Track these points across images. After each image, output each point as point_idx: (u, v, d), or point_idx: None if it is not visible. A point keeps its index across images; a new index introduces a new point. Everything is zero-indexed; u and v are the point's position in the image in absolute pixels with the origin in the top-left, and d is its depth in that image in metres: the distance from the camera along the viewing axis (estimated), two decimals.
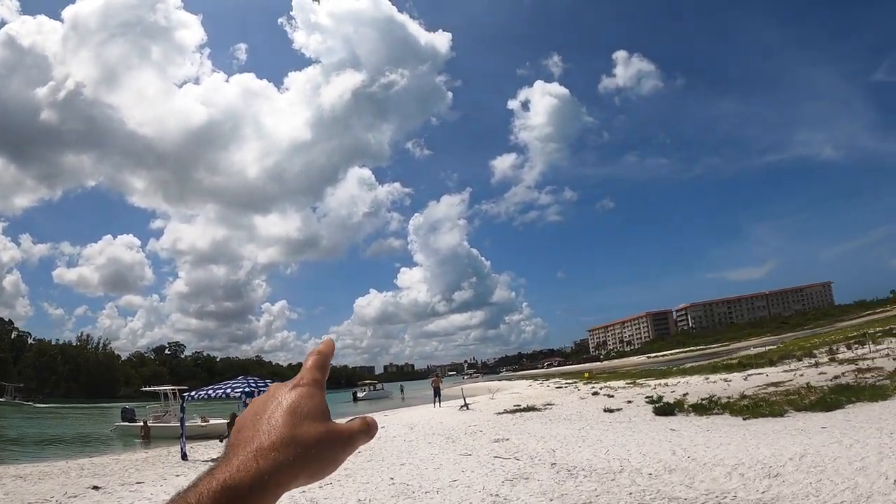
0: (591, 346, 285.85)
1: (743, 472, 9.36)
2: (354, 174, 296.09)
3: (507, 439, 16.51)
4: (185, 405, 20.76)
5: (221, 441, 20.05)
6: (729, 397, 21.17)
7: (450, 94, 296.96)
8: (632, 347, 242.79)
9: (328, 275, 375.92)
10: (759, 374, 29.44)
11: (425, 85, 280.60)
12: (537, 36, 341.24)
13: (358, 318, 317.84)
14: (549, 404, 28.02)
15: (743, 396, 21.05)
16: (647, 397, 26.02)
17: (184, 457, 18.79)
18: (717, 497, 8.13)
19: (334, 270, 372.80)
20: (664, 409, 19.71)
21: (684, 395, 25.01)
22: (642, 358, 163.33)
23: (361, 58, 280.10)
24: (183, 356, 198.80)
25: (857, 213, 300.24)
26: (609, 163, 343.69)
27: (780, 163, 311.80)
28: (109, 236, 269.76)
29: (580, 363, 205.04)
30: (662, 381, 35.18)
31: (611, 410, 21.98)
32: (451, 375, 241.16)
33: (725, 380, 29.32)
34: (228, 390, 19.23)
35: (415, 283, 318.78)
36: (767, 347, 68.01)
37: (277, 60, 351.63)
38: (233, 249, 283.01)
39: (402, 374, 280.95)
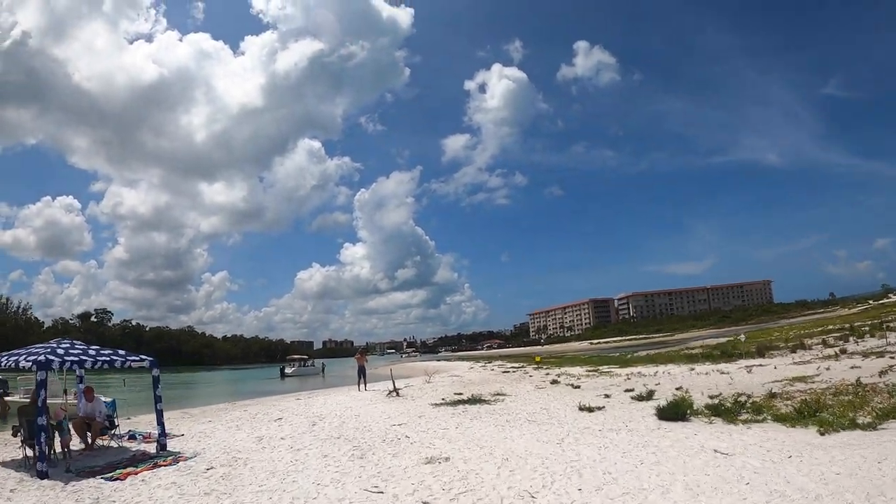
0: (531, 329, 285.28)
1: None
2: (304, 146, 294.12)
3: (448, 459, 10.33)
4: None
5: (15, 435, 12.93)
6: (748, 396, 15.46)
7: (407, 70, 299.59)
8: (572, 333, 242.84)
9: (271, 247, 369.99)
10: (760, 365, 24.02)
11: (383, 59, 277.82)
12: (500, 19, 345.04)
13: (299, 292, 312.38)
14: (499, 395, 22.15)
15: (773, 395, 15.24)
16: (627, 390, 20.39)
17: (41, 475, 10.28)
18: None
19: (277, 243, 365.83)
20: (671, 411, 13.74)
21: (677, 389, 19.31)
22: (585, 344, 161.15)
23: (321, 27, 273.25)
24: (110, 324, 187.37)
25: (797, 219, 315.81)
26: (559, 150, 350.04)
27: (725, 164, 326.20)
28: (48, 198, 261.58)
29: (521, 346, 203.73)
30: (633, 370, 29.59)
31: (589, 409, 15.99)
32: (389, 353, 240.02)
33: (721, 372, 23.72)
34: (21, 360, 11.85)
35: (358, 260, 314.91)
36: (725, 338, 64.09)
37: (235, 23, 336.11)
38: (175, 217, 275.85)
39: (342, 350, 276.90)
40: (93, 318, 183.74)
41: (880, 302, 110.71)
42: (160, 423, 13.23)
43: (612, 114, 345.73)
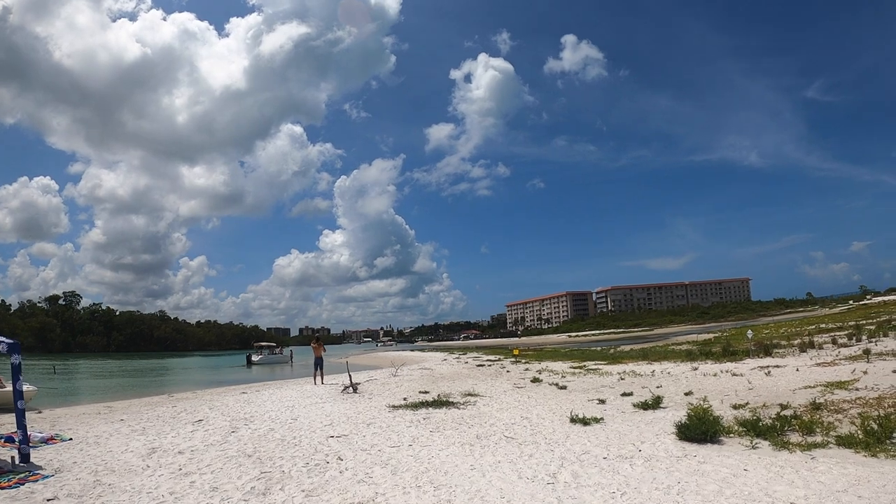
0: (508, 321, 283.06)
1: None
2: (287, 131, 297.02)
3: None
4: None
5: None
6: (785, 406, 12.13)
7: (393, 57, 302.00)
8: (550, 325, 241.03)
9: (250, 232, 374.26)
10: (777, 367, 20.82)
11: (370, 45, 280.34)
12: (489, 10, 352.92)
13: (277, 279, 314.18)
14: (471, 395, 18.83)
15: (817, 406, 11.94)
16: (624, 394, 17.24)
17: None
18: None
19: (257, 228, 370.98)
20: (696, 429, 10.34)
21: (687, 394, 16.06)
22: (563, 336, 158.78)
23: (309, 10, 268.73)
24: (79, 308, 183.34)
25: (776, 219, 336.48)
26: (543, 143, 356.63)
27: (706, 163, 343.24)
28: (25, 178, 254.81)
29: (498, 337, 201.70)
30: (624, 368, 26.37)
31: (584, 422, 12.51)
32: (366, 342, 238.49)
33: (732, 373, 20.45)
34: None
35: (337, 247, 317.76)
36: (711, 335, 61.56)
37: (220, 3, 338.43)
38: (154, 200, 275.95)
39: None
40: (61, 301, 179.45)
41: (861, 303, 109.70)
42: (21, 426, 9.82)
43: (597, 109, 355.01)
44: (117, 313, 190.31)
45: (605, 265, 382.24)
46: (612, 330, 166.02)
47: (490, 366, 35.56)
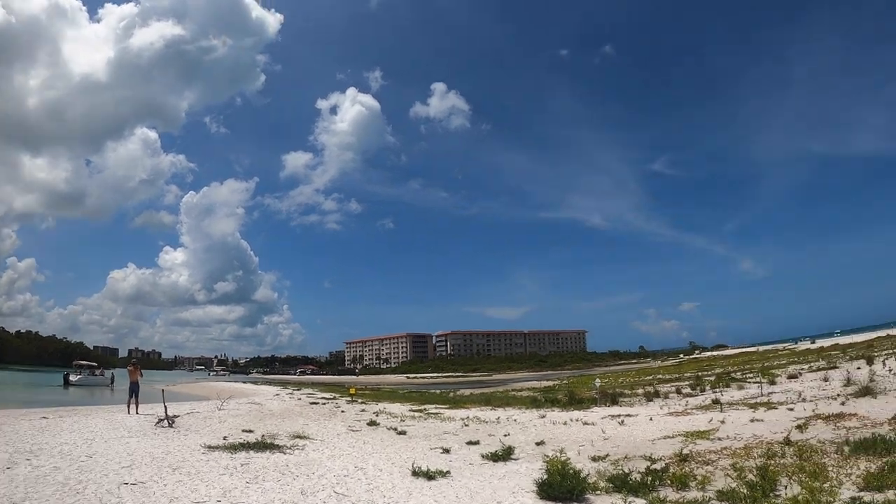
0: (347, 358, 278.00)
1: None
2: (141, 134, 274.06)
3: None
4: None
5: None
6: (650, 459, 10.94)
7: (264, 76, 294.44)
8: (388, 365, 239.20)
9: (87, 238, 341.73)
10: (629, 416, 20.11)
11: (243, 60, 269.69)
12: (367, 46, 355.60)
13: (110, 293, 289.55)
14: (300, 437, 16.42)
15: (684, 458, 10.80)
16: (470, 442, 15.68)
17: None
18: None
19: (95, 235, 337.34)
20: (559, 486, 8.85)
21: (540, 444, 14.63)
22: (401, 377, 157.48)
23: (187, 12, 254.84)
24: None
25: (613, 277, 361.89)
26: (398, 184, 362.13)
27: (552, 220, 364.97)
28: None
29: (335, 374, 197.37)
30: (467, 413, 24.97)
31: (428, 475, 10.56)
32: (198, 370, 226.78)
33: (584, 422, 19.44)
34: None
35: (177, 266, 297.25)
36: (550, 383, 62.41)
37: None
38: None
39: (148, 361, 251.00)
40: None
41: (691, 357, 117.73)
42: None
43: (455, 157, 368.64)
44: None
45: (447, 309, 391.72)
46: (450, 373, 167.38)
47: (324, 404, 33.05)
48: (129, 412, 22.92)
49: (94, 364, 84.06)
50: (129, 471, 10.41)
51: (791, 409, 17.47)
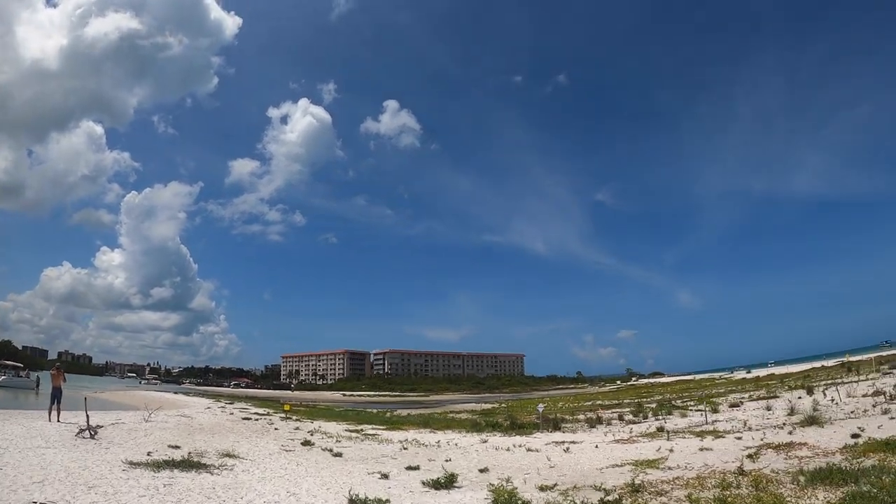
0: (282, 372, 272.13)
1: None
2: (87, 128, 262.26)
3: None
4: None
5: None
6: (602, 489, 10.52)
7: (217, 79, 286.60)
8: (325, 382, 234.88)
9: (21, 232, 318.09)
10: (574, 443, 19.60)
11: (197, 60, 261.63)
12: (324, 57, 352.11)
13: (43, 291, 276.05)
14: (230, 455, 15.37)
15: (636, 489, 10.32)
16: (410, 467, 14.88)
17: None
18: None
19: (30, 229, 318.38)
20: None
21: (483, 471, 13.97)
22: (338, 395, 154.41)
23: (145, 6, 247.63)
24: None
25: (553, 302, 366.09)
26: (344, 199, 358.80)
27: (495, 244, 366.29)
28: None
29: (270, 388, 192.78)
30: (406, 435, 24.12)
31: None
32: (129, 377, 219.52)
33: (528, 448, 18.90)
34: None
35: (114, 267, 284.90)
36: (489, 405, 62.00)
37: None
38: None
39: (78, 366, 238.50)
40: None
41: (629, 383, 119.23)
42: None
43: (403, 175, 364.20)
44: None
45: (386, 328, 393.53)
46: (388, 392, 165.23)
47: (257, 420, 31.71)
48: (49, 419, 21.58)
49: (20, 365, 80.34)
50: (41, 487, 9.39)
51: (739, 438, 17.39)
